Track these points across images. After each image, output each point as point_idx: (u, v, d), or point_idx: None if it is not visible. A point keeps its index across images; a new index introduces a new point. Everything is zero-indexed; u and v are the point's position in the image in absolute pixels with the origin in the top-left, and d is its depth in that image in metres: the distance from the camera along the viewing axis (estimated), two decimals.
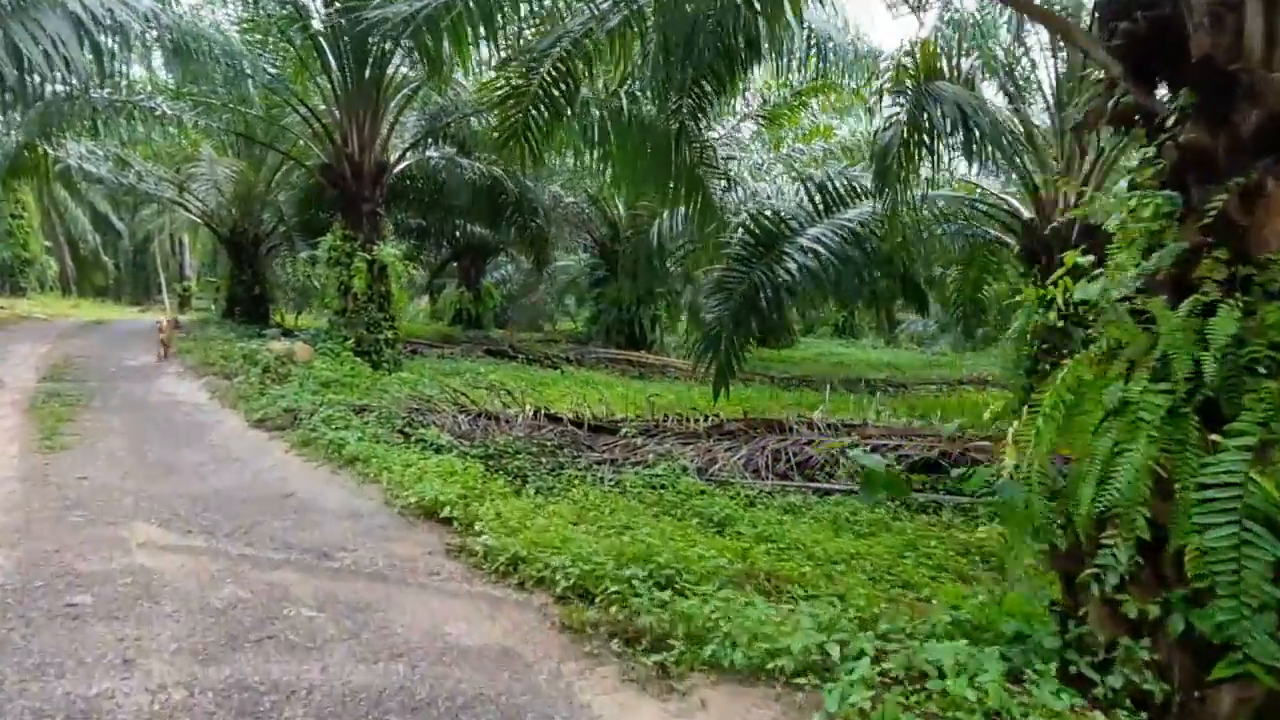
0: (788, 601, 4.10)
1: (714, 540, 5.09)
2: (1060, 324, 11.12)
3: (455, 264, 25.80)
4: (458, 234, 19.99)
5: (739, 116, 16.88)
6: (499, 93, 7.39)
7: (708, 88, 8.67)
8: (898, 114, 6.96)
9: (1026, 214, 11.40)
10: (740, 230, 8.50)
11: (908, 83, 7.22)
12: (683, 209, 10.84)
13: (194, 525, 4.80)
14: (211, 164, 13.31)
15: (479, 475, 6.09)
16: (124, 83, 10.58)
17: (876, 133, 7.37)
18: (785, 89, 14.67)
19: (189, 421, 7.82)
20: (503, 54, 7.44)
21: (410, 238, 19.57)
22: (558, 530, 4.74)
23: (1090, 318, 10.97)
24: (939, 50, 7.42)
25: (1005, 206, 12.01)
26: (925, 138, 7.11)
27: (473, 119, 12.34)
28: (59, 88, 9.62)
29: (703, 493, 6.35)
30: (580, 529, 5.12)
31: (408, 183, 15.29)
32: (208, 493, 5.47)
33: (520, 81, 7.25)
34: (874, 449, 7.32)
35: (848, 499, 6.49)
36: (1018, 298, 11.80)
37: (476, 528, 4.83)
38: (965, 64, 8.37)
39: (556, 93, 7.43)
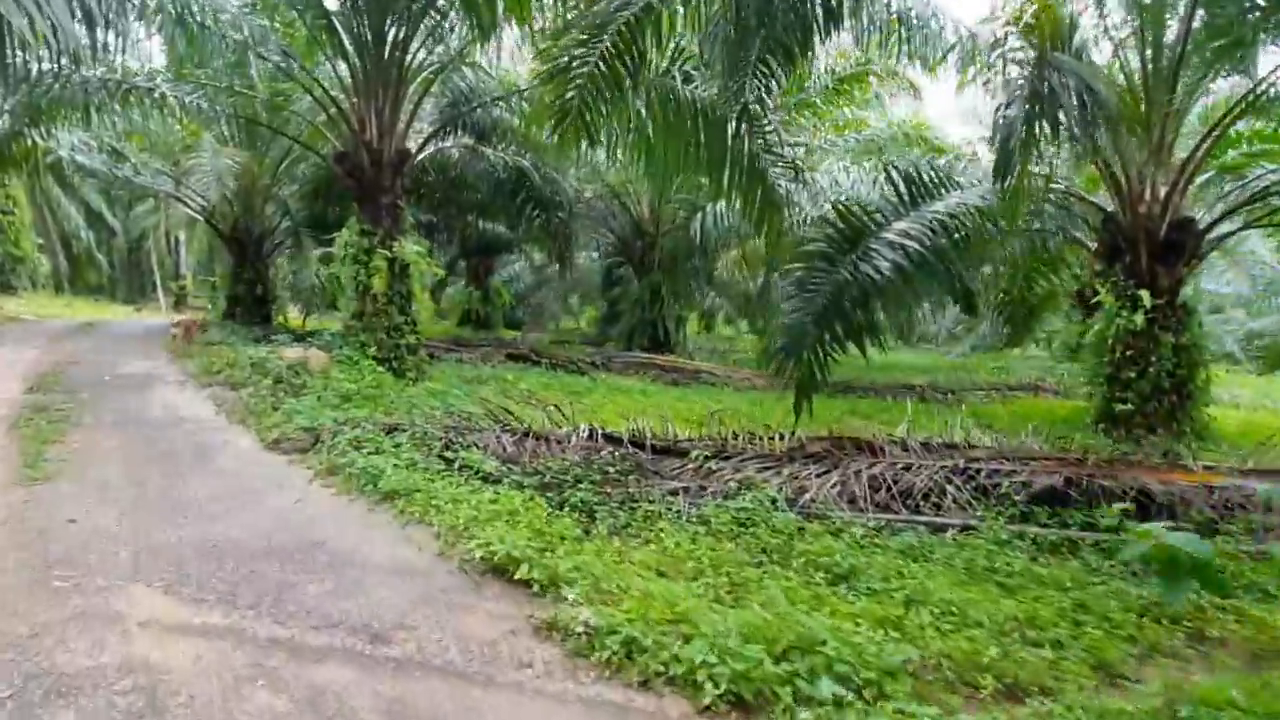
0: (991, 706, 3.17)
1: (849, 603, 4.14)
2: (1146, 328, 10.24)
3: (464, 262, 24.82)
4: (471, 231, 18.95)
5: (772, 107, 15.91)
6: (554, 65, 6.41)
7: (775, 65, 7.74)
8: (1020, 85, 6.01)
9: (1109, 206, 10.48)
10: (823, 224, 7.52)
11: (1025, 52, 6.28)
12: (727, 203, 9.85)
13: (208, 590, 3.82)
14: (213, 155, 12.31)
15: (544, 514, 5.13)
16: (119, 61, 9.57)
17: (998, 109, 6.41)
18: (828, 75, 13.72)
19: (194, 442, 6.82)
20: (564, 19, 6.45)
21: (419, 234, 18.58)
22: (666, 596, 3.79)
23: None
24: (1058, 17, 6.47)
25: (1080, 196, 11.09)
26: (1049, 113, 6.15)
27: (500, 105, 11.34)
28: (46, 65, 8.62)
29: (802, 530, 5.41)
30: (680, 585, 4.20)
31: (419, 176, 14.32)
32: (222, 540, 4.49)
33: (580, 51, 6.28)
34: (989, 475, 6.39)
35: (969, 537, 5.57)
36: (1097, 298, 10.94)
37: (562, 592, 3.87)
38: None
39: (620, 66, 6.46)
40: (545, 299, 30.86)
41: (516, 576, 4.03)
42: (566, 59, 6.26)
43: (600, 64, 6.35)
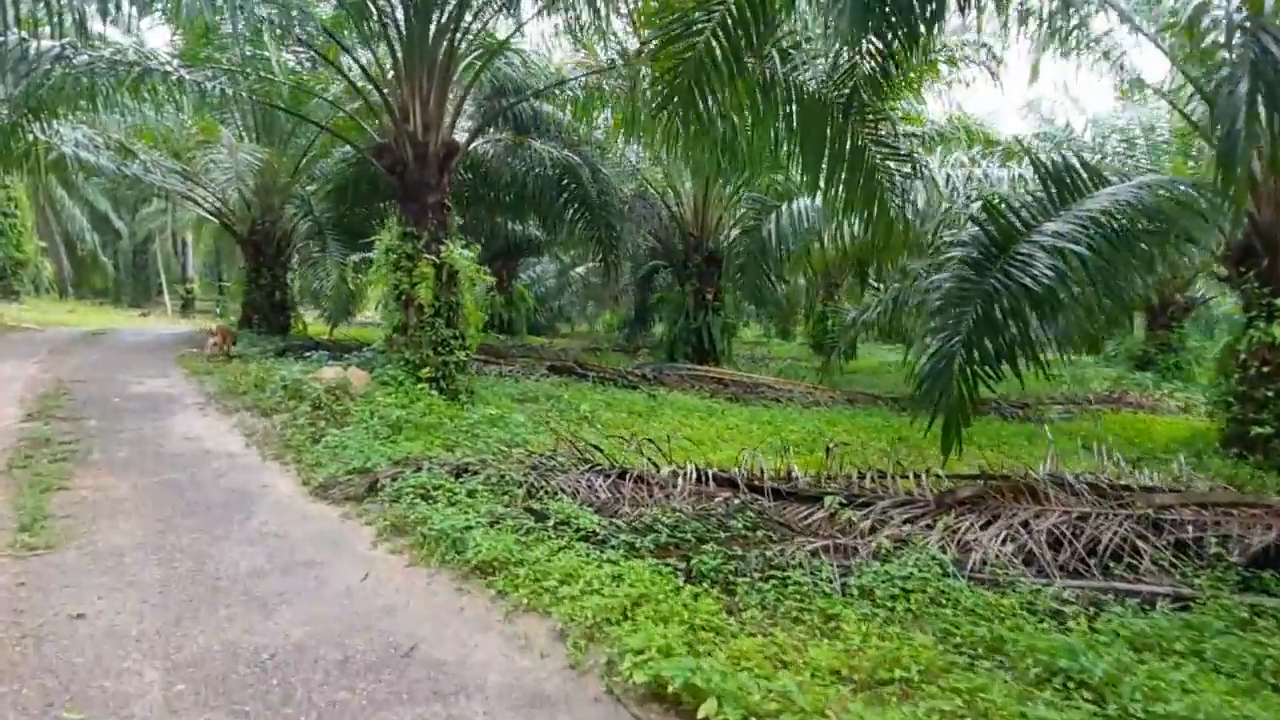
0: None
1: None
2: None
3: (488, 266, 23.76)
4: (500, 232, 17.84)
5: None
6: (667, 30, 5.30)
7: (895, 41, 6.64)
8: (1241, 58, 4.89)
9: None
10: (968, 224, 6.41)
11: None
12: (825, 198, 8.70)
13: None
14: (232, 149, 11.19)
15: (678, 592, 4.04)
16: (128, 42, 8.46)
17: (1219, 86, 5.27)
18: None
19: (225, 488, 5.70)
20: None
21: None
22: None
23: None
24: None
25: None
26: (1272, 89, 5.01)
27: (556, 93, 10.20)
28: (46, 44, 7.53)
29: (990, 609, 4.29)
30: (904, 713, 3.10)
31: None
32: (281, 647, 3.37)
33: (698, 16, 5.17)
34: (1193, 526, 5.26)
35: (1191, 612, 4.44)
36: (1227, 309, 9.82)
37: None
38: None
39: (741, 36, 5.35)
40: (566, 303, 29.84)
41: (699, 715, 2.90)
42: (681, 26, 5.14)
43: (719, 32, 5.25)
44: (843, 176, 7.61)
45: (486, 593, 4.03)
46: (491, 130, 12.27)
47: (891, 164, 7.47)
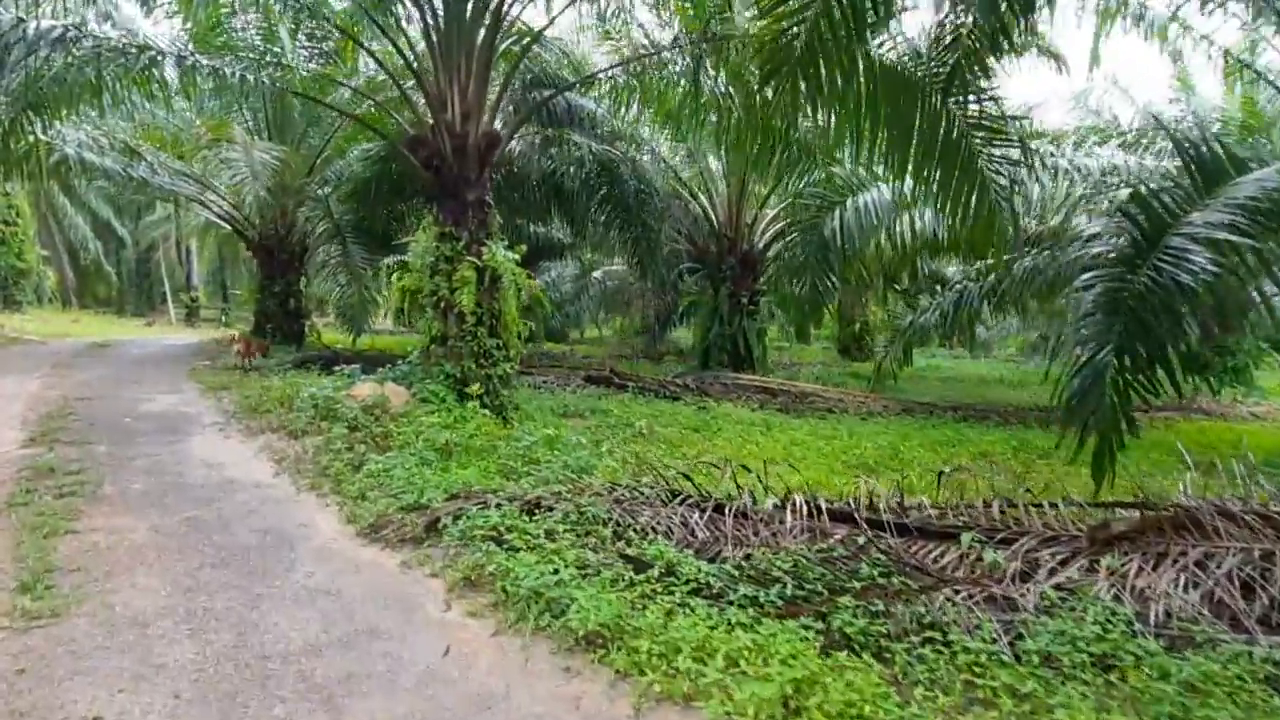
0: None
1: None
2: None
3: None
4: (526, 234, 17.07)
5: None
6: None
7: (1008, 15, 5.89)
8: None
9: None
10: (1118, 218, 5.62)
11: None
12: (920, 188, 7.90)
13: None
14: (246, 149, 10.42)
15: (844, 673, 3.23)
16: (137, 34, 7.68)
17: None
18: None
19: (259, 528, 4.90)
20: None
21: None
22: None
23: None
24: None
25: None
26: None
27: (605, 85, 9.41)
28: (46, 24, 6.74)
29: (1210, 681, 3.47)
30: None
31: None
32: None
33: None
34: None
35: None
36: None
37: None
38: None
39: None
40: (581, 308, 29.04)
41: None
42: None
43: None
44: (937, 164, 6.83)
45: (602, 673, 3.22)
46: (525, 124, 11.48)
47: (997, 151, 6.68)
